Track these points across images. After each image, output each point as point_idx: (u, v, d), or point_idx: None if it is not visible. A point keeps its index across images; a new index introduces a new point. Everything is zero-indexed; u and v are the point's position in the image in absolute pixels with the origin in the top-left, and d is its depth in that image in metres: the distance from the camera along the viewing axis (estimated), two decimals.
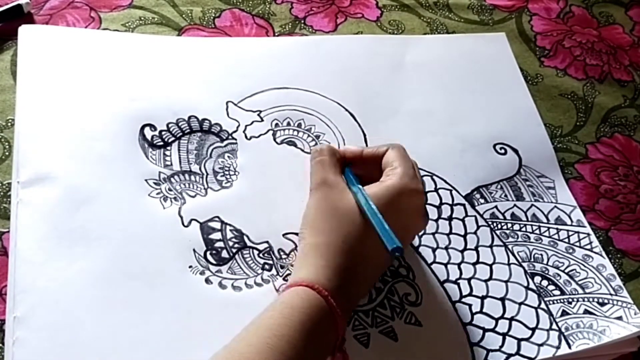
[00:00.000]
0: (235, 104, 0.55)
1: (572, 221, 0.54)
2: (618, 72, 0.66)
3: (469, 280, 0.49)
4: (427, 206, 0.51)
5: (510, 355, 0.45)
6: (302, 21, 0.63)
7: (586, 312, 0.48)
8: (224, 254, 0.47)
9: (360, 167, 0.47)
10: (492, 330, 0.46)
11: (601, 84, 0.65)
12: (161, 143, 0.51)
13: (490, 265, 0.50)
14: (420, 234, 0.50)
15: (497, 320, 0.47)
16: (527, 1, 0.70)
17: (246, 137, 0.53)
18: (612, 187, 0.57)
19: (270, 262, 0.47)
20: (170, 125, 0.52)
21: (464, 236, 0.51)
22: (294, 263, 0.45)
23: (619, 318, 0.47)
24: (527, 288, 0.49)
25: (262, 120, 0.54)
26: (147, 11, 0.61)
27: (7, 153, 0.50)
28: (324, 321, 0.39)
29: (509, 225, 0.52)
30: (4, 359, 0.40)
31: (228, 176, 0.51)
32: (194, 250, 0.46)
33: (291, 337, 0.36)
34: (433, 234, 0.50)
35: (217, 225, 0.48)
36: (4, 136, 0.51)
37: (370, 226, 0.42)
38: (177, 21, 0.61)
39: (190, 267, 0.46)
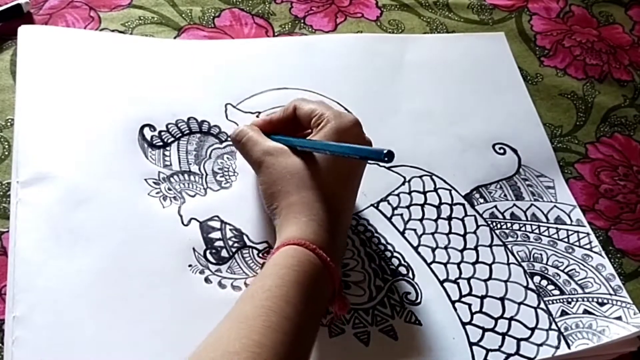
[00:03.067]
0: (234, 106, 0.55)
1: (571, 221, 0.54)
2: (618, 72, 0.66)
3: (468, 279, 0.49)
4: (426, 206, 0.52)
5: (509, 355, 0.45)
6: (302, 21, 0.63)
7: (585, 312, 0.48)
8: (224, 253, 0.47)
9: (279, 132, 0.47)
10: (492, 330, 0.46)
11: (601, 84, 0.65)
12: (160, 143, 0.51)
13: (490, 265, 0.50)
14: (420, 233, 0.50)
15: (496, 320, 0.47)
16: (527, 1, 0.70)
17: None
18: (612, 187, 0.57)
19: None
20: (169, 126, 0.52)
21: (464, 236, 0.51)
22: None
23: (619, 318, 0.47)
24: (527, 288, 0.49)
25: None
26: (147, 11, 0.61)
27: (6, 153, 0.50)
28: (318, 274, 0.39)
29: (509, 224, 0.52)
30: (4, 358, 0.40)
31: (227, 177, 0.51)
32: (193, 249, 0.46)
33: (289, 297, 0.36)
34: (432, 233, 0.51)
35: (216, 224, 0.48)
36: (3, 136, 0.51)
37: (327, 171, 0.42)
38: (177, 21, 0.61)
39: (189, 266, 0.46)
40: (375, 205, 0.51)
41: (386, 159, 0.38)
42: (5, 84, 0.53)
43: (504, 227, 0.52)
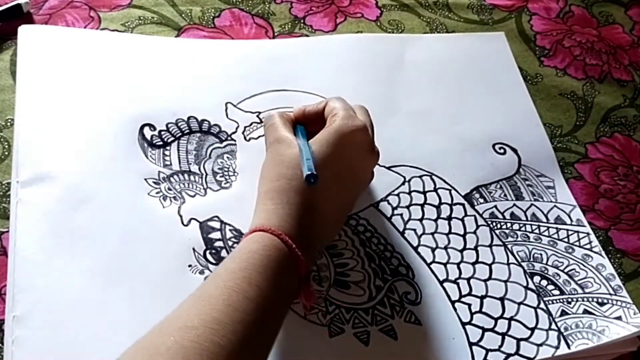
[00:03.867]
0: (235, 105, 0.55)
1: (571, 220, 0.53)
2: (618, 72, 0.66)
3: (468, 279, 0.48)
4: (426, 206, 0.52)
5: (509, 355, 0.45)
6: (302, 21, 0.63)
7: (585, 312, 0.48)
8: (224, 253, 0.47)
9: (309, 125, 0.48)
10: (492, 330, 0.46)
11: (601, 84, 0.65)
12: (160, 143, 0.51)
13: (490, 265, 0.50)
14: (419, 233, 0.50)
15: (496, 320, 0.47)
16: (526, 1, 0.70)
17: (245, 138, 0.53)
18: (612, 187, 0.57)
19: None
20: (169, 126, 0.52)
21: (463, 236, 0.51)
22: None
23: (619, 318, 0.47)
24: (527, 288, 0.49)
25: (261, 121, 0.54)
26: (147, 11, 0.61)
27: (6, 153, 0.50)
28: (283, 260, 0.39)
29: (509, 224, 0.52)
30: (4, 358, 0.40)
31: (227, 177, 0.51)
32: (193, 249, 0.46)
33: (252, 278, 0.36)
34: (432, 233, 0.50)
35: (216, 224, 0.48)
36: (3, 136, 0.51)
37: (324, 164, 0.43)
38: (177, 21, 0.61)
39: (189, 266, 0.46)
40: (375, 205, 0.51)
41: (308, 179, 0.40)
42: (5, 84, 0.53)
43: (504, 227, 0.52)
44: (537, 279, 0.49)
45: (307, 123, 0.48)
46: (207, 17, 0.62)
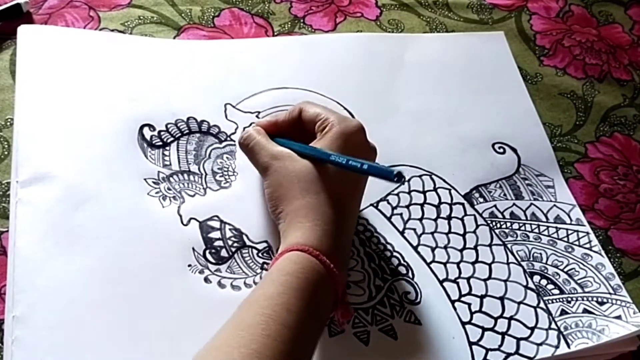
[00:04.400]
0: (234, 106, 0.55)
1: (571, 220, 0.54)
2: (617, 72, 0.66)
3: (468, 279, 0.49)
4: (426, 205, 0.52)
5: (509, 354, 0.45)
6: (302, 20, 0.63)
7: (585, 311, 0.48)
8: (223, 253, 0.47)
9: (282, 136, 0.47)
10: (491, 329, 0.46)
11: (601, 83, 0.65)
12: (160, 143, 0.51)
13: (489, 265, 0.50)
14: (419, 233, 0.50)
15: (496, 319, 0.47)
16: (526, 0, 0.70)
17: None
18: (612, 187, 0.57)
19: (270, 261, 0.47)
20: (169, 126, 0.52)
21: (463, 235, 0.51)
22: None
23: (618, 317, 0.47)
24: (526, 287, 0.49)
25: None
26: (146, 10, 0.61)
27: (6, 152, 0.50)
28: (321, 281, 0.38)
29: (508, 224, 0.52)
30: (4, 358, 0.40)
31: (227, 177, 0.51)
32: (193, 249, 0.46)
33: (290, 304, 0.36)
34: (432, 233, 0.51)
35: (216, 224, 0.48)
36: (2, 135, 0.51)
37: (332, 176, 0.42)
38: (176, 20, 0.61)
39: (189, 265, 0.46)
40: (375, 204, 0.51)
41: (395, 179, 0.38)
42: (5, 83, 0.53)
43: (504, 226, 0.52)
44: (536, 278, 0.49)
45: (279, 135, 0.47)
46: (206, 16, 0.62)
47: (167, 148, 0.51)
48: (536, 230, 0.52)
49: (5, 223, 0.46)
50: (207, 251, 0.47)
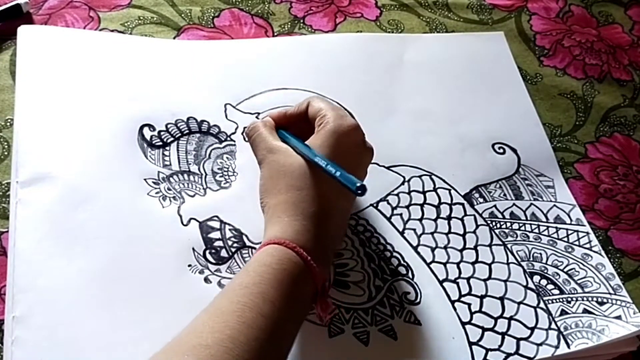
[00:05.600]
0: (234, 107, 0.55)
1: (571, 220, 0.54)
2: (617, 72, 0.66)
3: (468, 279, 0.49)
4: (426, 205, 0.52)
5: (509, 354, 0.45)
6: (301, 21, 0.64)
7: (585, 311, 0.48)
8: (223, 253, 0.47)
9: (292, 128, 0.47)
10: (491, 329, 0.46)
11: (600, 84, 0.65)
12: (160, 143, 0.51)
13: (489, 265, 0.50)
14: (419, 233, 0.50)
15: (496, 319, 0.47)
16: (526, 0, 0.70)
17: (245, 139, 0.53)
18: (612, 187, 0.57)
19: None
20: (169, 126, 0.52)
21: (463, 235, 0.51)
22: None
23: (618, 317, 0.48)
24: (526, 287, 0.49)
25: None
26: (146, 10, 0.61)
27: (6, 153, 0.50)
28: (299, 274, 0.39)
29: (508, 224, 0.52)
30: (3, 358, 0.40)
31: (227, 177, 0.51)
32: (193, 249, 0.47)
33: (266, 294, 0.36)
34: (432, 233, 0.51)
35: (216, 224, 0.48)
36: (2, 136, 0.51)
37: (321, 174, 0.42)
38: (176, 20, 0.61)
39: (189, 266, 0.46)
40: (375, 205, 0.51)
41: (359, 192, 0.39)
42: (5, 84, 0.53)
43: (504, 226, 0.52)
44: (536, 278, 0.49)
45: (288, 126, 0.47)
46: (206, 17, 0.62)
47: (167, 148, 0.51)
48: (536, 231, 0.52)
49: (5, 223, 0.46)
50: (207, 251, 0.47)
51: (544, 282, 0.49)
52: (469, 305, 0.47)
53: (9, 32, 0.56)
